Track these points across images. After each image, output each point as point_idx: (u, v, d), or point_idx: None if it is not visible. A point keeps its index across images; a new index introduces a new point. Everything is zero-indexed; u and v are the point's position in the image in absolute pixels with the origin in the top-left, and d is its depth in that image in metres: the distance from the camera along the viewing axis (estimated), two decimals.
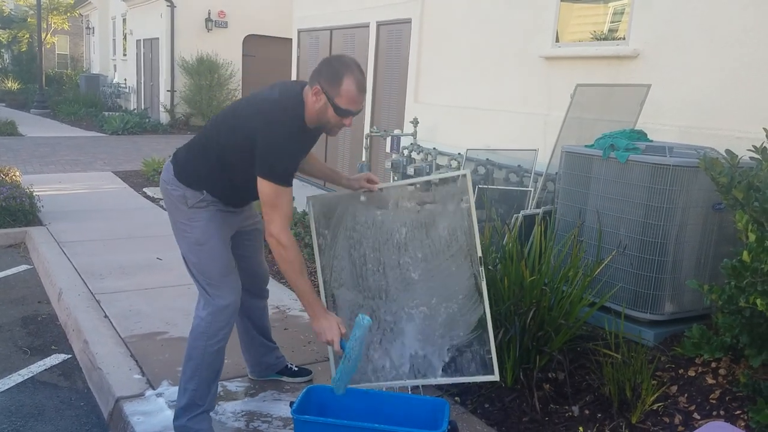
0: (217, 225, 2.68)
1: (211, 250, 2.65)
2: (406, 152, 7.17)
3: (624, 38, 5.11)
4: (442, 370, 2.87)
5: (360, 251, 2.98)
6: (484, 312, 2.79)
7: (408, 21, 7.63)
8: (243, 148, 2.50)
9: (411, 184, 2.92)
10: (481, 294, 2.79)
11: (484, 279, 2.77)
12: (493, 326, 3.23)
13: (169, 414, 2.97)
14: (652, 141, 3.80)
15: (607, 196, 3.67)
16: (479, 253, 2.76)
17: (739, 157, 3.10)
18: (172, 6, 17.21)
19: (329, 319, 2.56)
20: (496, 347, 3.17)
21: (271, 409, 3.10)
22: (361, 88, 2.50)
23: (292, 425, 2.51)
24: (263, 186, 2.46)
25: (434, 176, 2.84)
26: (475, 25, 6.65)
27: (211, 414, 2.82)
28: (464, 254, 2.82)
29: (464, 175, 2.75)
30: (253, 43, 18.32)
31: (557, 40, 5.71)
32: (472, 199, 2.76)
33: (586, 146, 3.86)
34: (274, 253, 2.54)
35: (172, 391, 3.16)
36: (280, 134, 2.44)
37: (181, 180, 2.64)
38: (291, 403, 2.50)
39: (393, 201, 2.92)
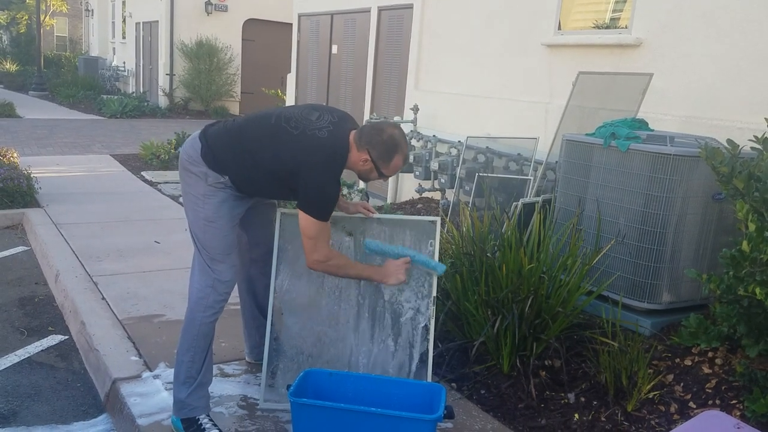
0: (229, 207, 2.70)
1: (219, 228, 2.68)
2: None
3: (626, 27, 5.08)
4: None
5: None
6: (427, 349, 2.98)
7: (410, 6, 7.59)
8: (283, 173, 2.62)
9: (396, 220, 3.08)
10: (428, 330, 2.98)
11: (434, 317, 2.98)
12: (491, 313, 3.25)
13: (166, 395, 2.98)
14: (653, 130, 3.79)
15: (607, 185, 3.66)
16: (434, 293, 2.97)
17: (740, 147, 3.09)
18: None
19: (388, 267, 2.86)
20: (493, 336, 3.19)
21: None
22: (407, 160, 2.72)
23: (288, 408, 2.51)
24: (305, 221, 2.60)
25: (410, 218, 3.07)
26: (477, 12, 6.61)
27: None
28: (425, 291, 2.99)
29: (434, 222, 3.00)
30: (253, 27, 18.22)
31: (559, 28, 5.68)
32: (437, 244, 2.98)
33: (587, 135, 3.85)
34: (327, 272, 2.76)
35: (168, 373, 3.17)
36: (326, 179, 2.58)
37: (206, 161, 2.64)
38: (288, 386, 2.51)
39: (365, 228, 3.03)
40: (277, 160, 2.60)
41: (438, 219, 3.01)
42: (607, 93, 4.73)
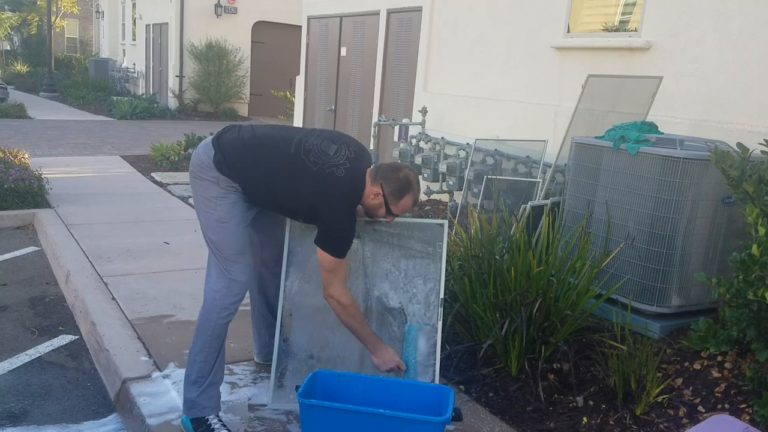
0: (241, 208, 2.72)
1: (232, 229, 2.70)
2: (414, 141, 7.15)
3: (636, 30, 5.08)
4: None
5: None
6: (435, 351, 2.97)
7: (419, 9, 7.60)
8: (300, 206, 2.69)
9: (403, 223, 3.06)
10: (436, 333, 2.99)
11: (441, 318, 2.99)
12: (499, 315, 3.25)
13: (176, 395, 3.00)
14: (662, 133, 3.78)
15: (617, 188, 3.66)
16: (441, 295, 2.98)
17: (750, 150, 3.09)
18: None
19: (388, 351, 2.90)
20: (501, 338, 3.20)
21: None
22: (416, 202, 2.81)
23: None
24: (323, 256, 2.68)
25: (418, 220, 3.06)
26: (486, 15, 6.61)
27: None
28: (433, 294, 3.01)
29: (442, 224, 3.01)
30: (262, 29, 18.28)
31: (569, 31, 5.67)
32: (445, 246, 3.00)
33: (596, 137, 3.84)
34: (336, 311, 2.80)
35: (178, 373, 3.19)
36: (343, 220, 2.65)
37: (219, 168, 2.66)
38: (296, 387, 2.52)
39: (372, 231, 3.04)
40: (294, 195, 2.66)
41: (446, 222, 3.02)
42: (616, 96, 4.73)
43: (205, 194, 2.70)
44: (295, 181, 2.64)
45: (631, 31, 5.15)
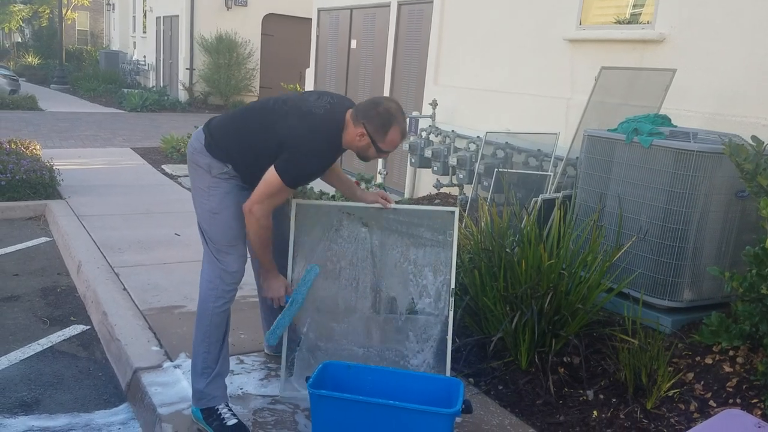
0: (233, 198, 2.74)
1: (224, 220, 2.72)
2: (424, 134, 7.13)
3: (649, 22, 5.03)
4: None
5: (338, 265, 3.06)
6: (446, 343, 2.95)
7: (430, 1, 7.56)
8: (274, 149, 2.62)
9: (413, 211, 3.06)
10: (446, 325, 2.96)
11: (452, 309, 2.97)
12: (509, 309, 3.24)
13: (186, 385, 3.01)
14: (676, 126, 3.75)
15: (629, 181, 3.63)
16: (452, 285, 2.96)
17: (765, 144, 3.06)
18: None
19: (279, 280, 2.90)
20: (511, 332, 3.19)
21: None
22: (404, 134, 2.69)
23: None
24: (272, 176, 2.59)
25: (428, 208, 3.05)
26: (497, 7, 6.57)
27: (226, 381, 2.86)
28: (443, 286, 2.99)
29: (452, 212, 2.98)
30: (272, 22, 18.26)
31: (581, 23, 5.63)
32: (456, 234, 2.97)
33: (609, 130, 3.82)
34: (249, 226, 2.67)
35: (189, 363, 3.19)
36: (310, 151, 2.59)
37: (209, 151, 2.70)
38: (307, 378, 2.53)
39: (381, 219, 3.03)
40: (270, 135, 2.62)
41: (456, 209, 3.00)
42: (629, 89, 4.69)
43: (200, 184, 2.74)
44: (271, 123, 2.63)
45: (644, 23, 5.10)
